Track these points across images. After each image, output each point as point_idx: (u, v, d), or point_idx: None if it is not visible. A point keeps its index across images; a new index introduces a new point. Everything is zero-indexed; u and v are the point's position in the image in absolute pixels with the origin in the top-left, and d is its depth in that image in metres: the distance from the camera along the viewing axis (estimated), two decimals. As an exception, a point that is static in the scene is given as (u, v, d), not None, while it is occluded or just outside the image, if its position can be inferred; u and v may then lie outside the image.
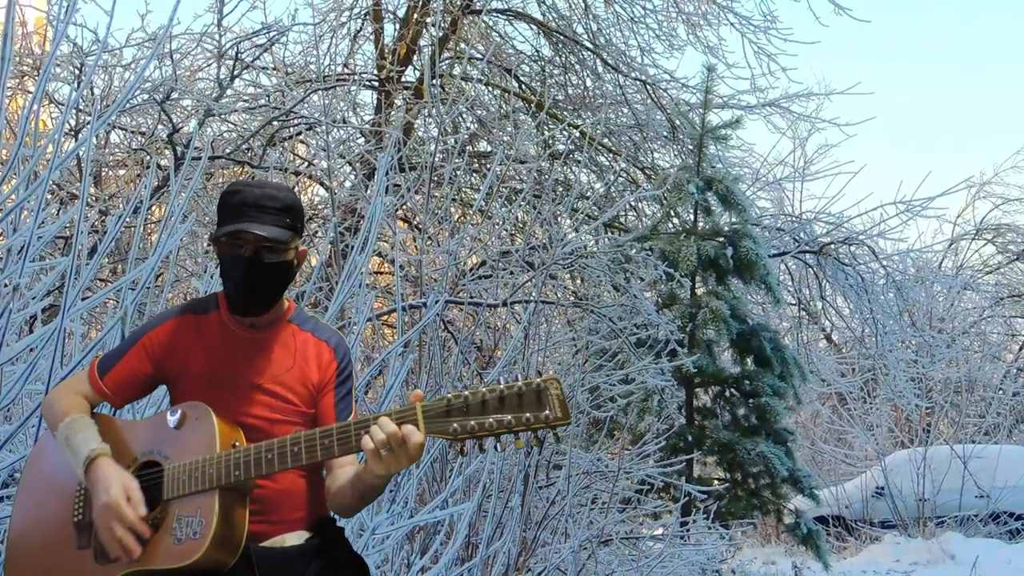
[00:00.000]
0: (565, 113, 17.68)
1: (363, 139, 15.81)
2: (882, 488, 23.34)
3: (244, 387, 4.14)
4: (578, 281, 15.37)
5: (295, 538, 4.15)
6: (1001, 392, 28.42)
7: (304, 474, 4.18)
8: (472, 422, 3.70)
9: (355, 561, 4.31)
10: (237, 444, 3.98)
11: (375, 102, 16.66)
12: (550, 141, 16.74)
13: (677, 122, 17.77)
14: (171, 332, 4.24)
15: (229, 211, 4.11)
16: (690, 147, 17.49)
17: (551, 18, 17.99)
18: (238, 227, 4.05)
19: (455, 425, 3.72)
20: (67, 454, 4.08)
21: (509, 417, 3.67)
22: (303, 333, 4.28)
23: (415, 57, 17.15)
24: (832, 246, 19.32)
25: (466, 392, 3.74)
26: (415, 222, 14.89)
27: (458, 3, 17.01)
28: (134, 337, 4.31)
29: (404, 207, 14.29)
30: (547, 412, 3.66)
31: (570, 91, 18.25)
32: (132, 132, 14.33)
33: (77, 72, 12.74)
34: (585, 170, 17.70)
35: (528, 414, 3.66)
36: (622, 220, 18.09)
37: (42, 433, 4.53)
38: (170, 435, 4.05)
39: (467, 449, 3.81)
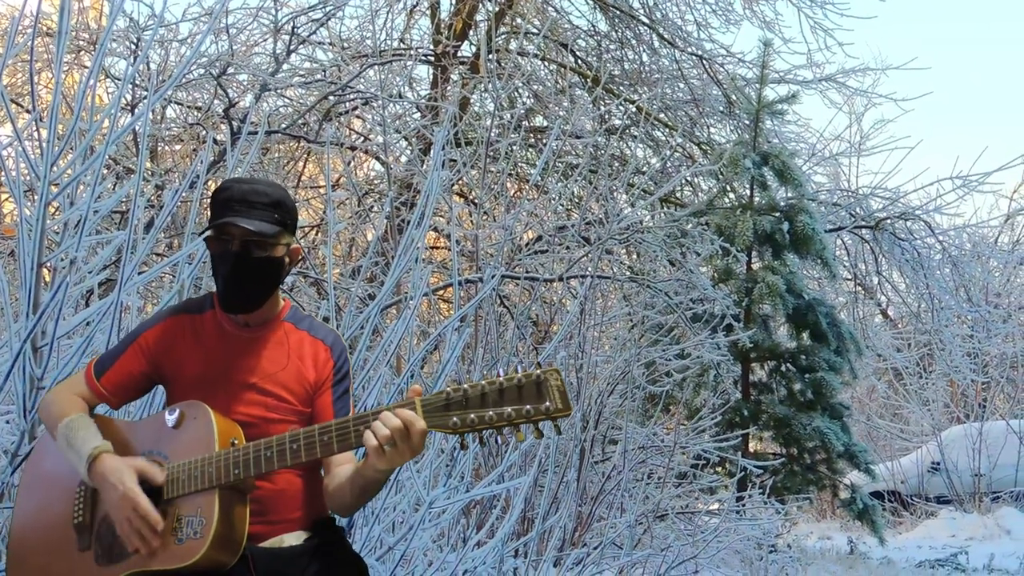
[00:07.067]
0: (621, 88, 17.66)
1: (419, 114, 15.84)
2: (938, 463, 23.28)
3: (239, 386, 4.15)
4: (634, 256, 15.37)
5: (294, 539, 4.13)
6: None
7: (301, 474, 4.18)
8: (472, 415, 3.66)
9: (354, 562, 4.29)
10: (236, 442, 3.97)
11: (431, 77, 16.71)
12: (606, 116, 16.74)
13: (733, 97, 17.77)
14: (166, 332, 4.26)
15: (217, 207, 4.12)
16: (746, 122, 17.46)
17: (607, -8, 17.96)
18: (224, 221, 4.06)
19: (454, 419, 3.68)
20: (68, 454, 4.08)
21: (509, 410, 3.61)
22: (299, 332, 4.29)
23: (471, 32, 17.16)
24: (888, 221, 19.25)
25: (465, 385, 3.68)
26: (471, 197, 14.93)
27: (514, -23, 17.02)
28: (130, 338, 4.31)
29: (460, 182, 14.32)
30: (547, 404, 3.59)
31: (626, 66, 18.22)
32: (188, 107, 14.41)
33: (133, 47, 12.83)
34: (641, 145, 17.68)
35: (528, 406, 3.60)
36: (678, 195, 18.14)
37: (42, 434, 4.53)
38: (168, 435, 4.05)
39: (467, 443, 3.75)
